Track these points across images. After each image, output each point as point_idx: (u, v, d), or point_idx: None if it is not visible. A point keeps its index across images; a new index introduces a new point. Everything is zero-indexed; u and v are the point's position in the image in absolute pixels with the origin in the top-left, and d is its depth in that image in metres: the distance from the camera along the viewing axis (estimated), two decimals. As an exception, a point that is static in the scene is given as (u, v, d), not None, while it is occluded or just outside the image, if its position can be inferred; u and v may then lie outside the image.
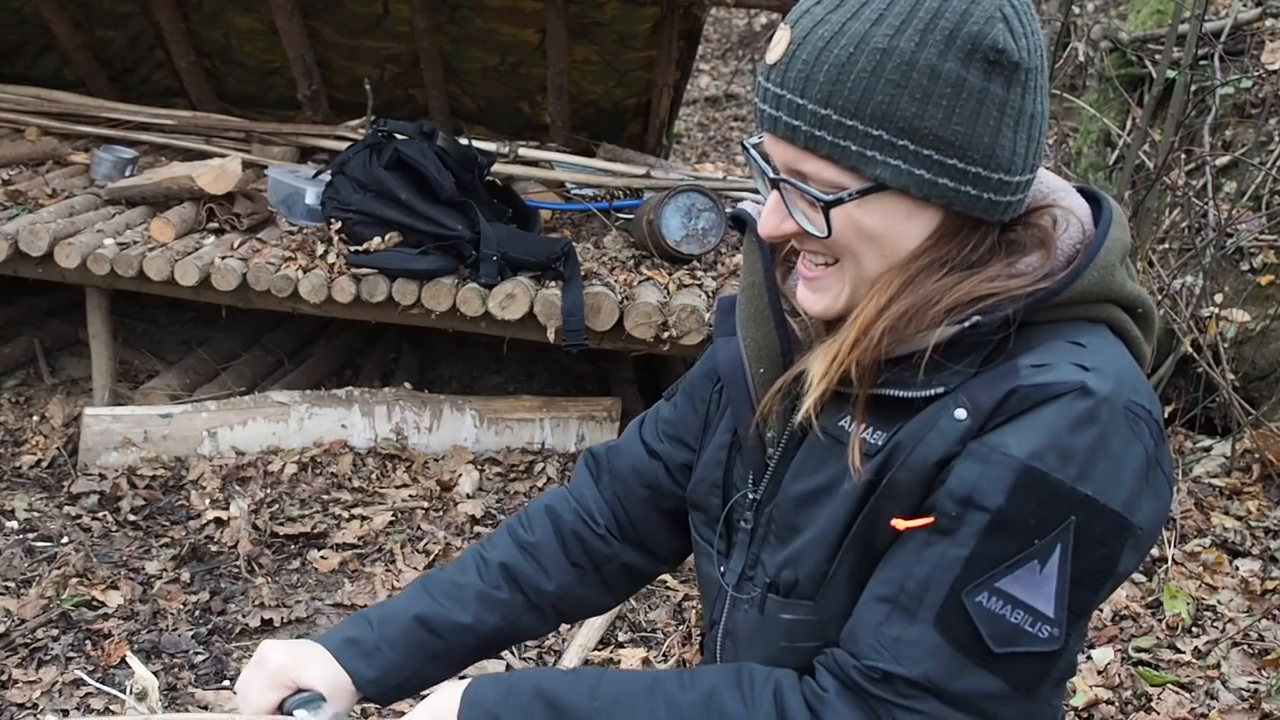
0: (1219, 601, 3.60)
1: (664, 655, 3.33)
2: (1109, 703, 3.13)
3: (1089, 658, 3.28)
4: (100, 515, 3.85)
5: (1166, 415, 4.41)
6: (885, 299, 1.07)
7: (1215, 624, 3.50)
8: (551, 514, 1.43)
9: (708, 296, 4.25)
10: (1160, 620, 3.49)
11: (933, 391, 1.06)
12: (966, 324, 1.04)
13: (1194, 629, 3.48)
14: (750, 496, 1.22)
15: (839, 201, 1.05)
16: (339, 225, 4.26)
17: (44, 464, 4.16)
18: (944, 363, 1.05)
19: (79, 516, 3.84)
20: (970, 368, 1.05)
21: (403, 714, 1.22)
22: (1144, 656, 3.33)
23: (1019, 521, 1.00)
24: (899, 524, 1.05)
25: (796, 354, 1.18)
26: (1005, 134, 1.04)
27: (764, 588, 1.18)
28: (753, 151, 1.13)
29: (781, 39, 1.06)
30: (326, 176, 4.44)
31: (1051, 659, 1.03)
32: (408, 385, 4.58)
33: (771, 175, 1.10)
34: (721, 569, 1.26)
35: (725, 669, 1.12)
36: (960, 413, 1.04)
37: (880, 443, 1.08)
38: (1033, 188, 1.11)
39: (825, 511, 1.12)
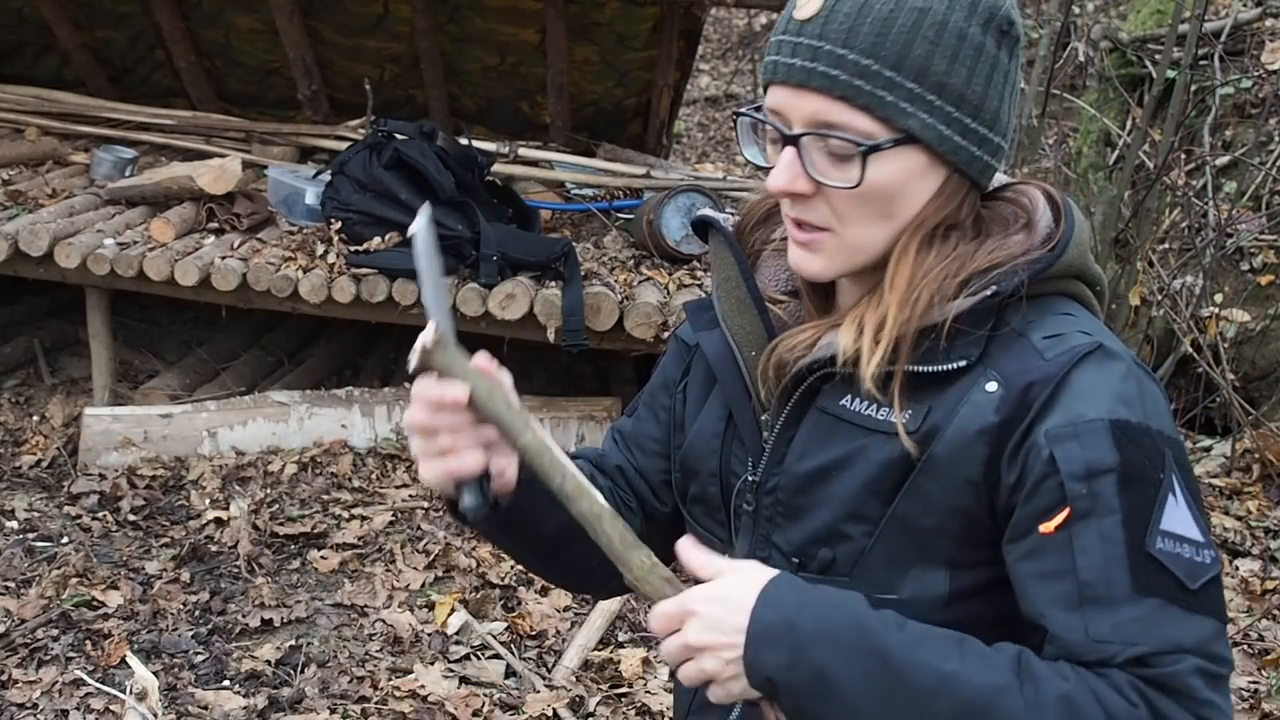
0: (1219, 601, 3.60)
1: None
2: (1109, 703, 3.13)
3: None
4: (100, 515, 3.85)
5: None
6: (912, 262, 1.11)
7: (1215, 624, 3.50)
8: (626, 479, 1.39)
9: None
10: (1160, 620, 3.49)
11: (955, 365, 1.10)
12: (987, 293, 1.09)
13: (1194, 629, 3.48)
14: (750, 479, 1.23)
15: (876, 148, 1.08)
16: (339, 225, 4.26)
17: (44, 464, 4.16)
18: (965, 329, 1.10)
19: (79, 516, 3.84)
20: (982, 332, 1.10)
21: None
22: (1144, 656, 3.33)
23: (1139, 465, 1.04)
24: (1047, 528, 1.04)
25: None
26: (1006, 100, 1.14)
27: (790, 567, 1.18)
28: (756, 115, 1.15)
29: None
30: (326, 176, 4.44)
31: (1220, 581, 1.06)
32: (408, 385, 4.57)
33: (788, 132, 1.12)
34: (726, 555, 1.25)
35: (998, 646, 1.06)
36: (991, 385, 1.08)
37: (916, 424, 1.10)
38: None
39: (840, 487, 1.14)
